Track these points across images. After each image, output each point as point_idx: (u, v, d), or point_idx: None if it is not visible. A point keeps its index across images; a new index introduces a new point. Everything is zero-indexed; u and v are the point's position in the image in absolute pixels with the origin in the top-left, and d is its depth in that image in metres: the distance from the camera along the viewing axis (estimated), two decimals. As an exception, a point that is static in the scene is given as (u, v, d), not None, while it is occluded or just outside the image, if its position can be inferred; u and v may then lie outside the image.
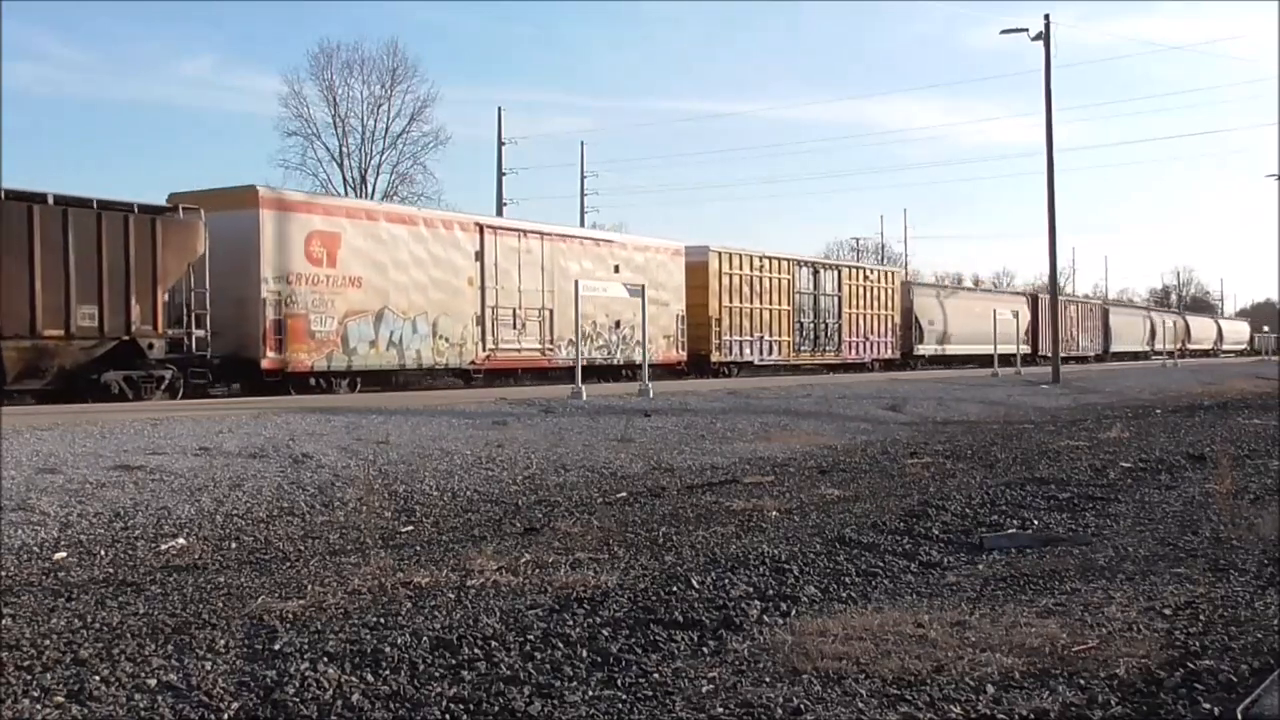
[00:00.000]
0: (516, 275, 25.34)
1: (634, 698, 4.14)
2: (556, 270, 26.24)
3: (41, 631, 5.04)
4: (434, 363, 23.54)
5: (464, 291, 24.10)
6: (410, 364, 23.03)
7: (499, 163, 52.08)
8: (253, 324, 19.93)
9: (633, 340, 27.99)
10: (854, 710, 3.96)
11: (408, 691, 4.20)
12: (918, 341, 42.52)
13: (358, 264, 21.79)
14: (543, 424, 14.43)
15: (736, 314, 32.30)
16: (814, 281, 36.55)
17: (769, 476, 11.22)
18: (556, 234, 27.02)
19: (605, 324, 27.73)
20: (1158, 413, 21.65)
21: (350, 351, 21.54)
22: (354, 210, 22.85)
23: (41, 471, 8.97)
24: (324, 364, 21.00)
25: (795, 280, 35.12)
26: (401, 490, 9.70)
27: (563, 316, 25.66)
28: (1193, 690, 4.12)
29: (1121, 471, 11.36)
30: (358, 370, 21.95)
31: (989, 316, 46.52)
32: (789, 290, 34.65)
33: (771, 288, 33.86)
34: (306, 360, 20.66)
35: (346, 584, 6.01)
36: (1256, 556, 6.63)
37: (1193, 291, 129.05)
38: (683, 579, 6.11)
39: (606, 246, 28.66)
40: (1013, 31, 33.03)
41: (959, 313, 45.78)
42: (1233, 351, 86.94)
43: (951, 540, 7.62)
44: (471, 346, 24.22)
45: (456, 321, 23.85)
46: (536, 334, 25.86)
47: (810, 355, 36.23)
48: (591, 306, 26.18)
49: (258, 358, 19.91)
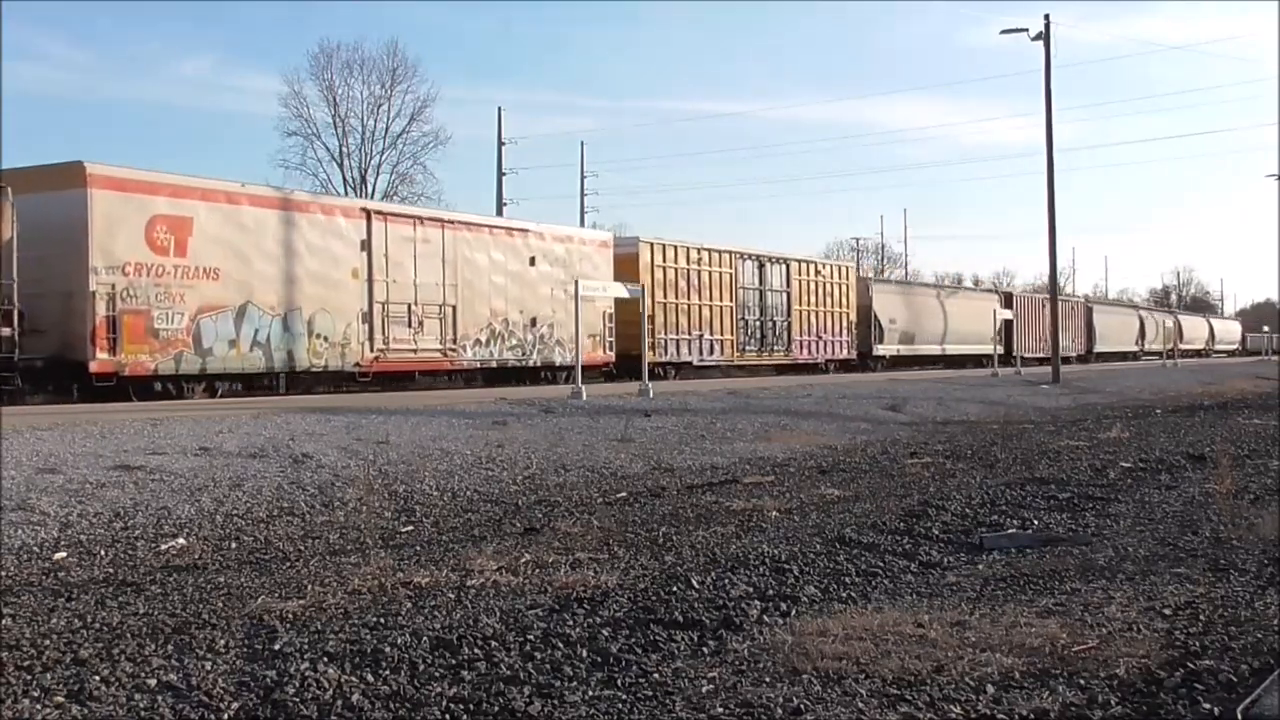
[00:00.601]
0: (412, 267, 22.98)
1: (634, 698, 4.14)
2: (461, 262, 24.06)
3: (41, 631, 5.04)
4: (310, 364, 21.10)
5: (347, 285, 21.76)
6: (280, 366, 20.60)
7: (499, 163, 52.11)
8: (80, 321, 17.55)
9: (552, 340, 26.26)
10: (854, 710, 3.96)
11: (408, 691, 4.20)
12: (877, 341, 40.07)
13: (215, 253, 19.32)
14: (543, 424, 14.43)
15: (672, 311, 30.12)
16: (759, 276, 34.12)
17: (769, 476, 11.22)
18: (461, 222, 24.86)
19: (520, 321, 25.55)
20: (1158, 413, 21.65)
21: (205, 352, 19.12)
22: (211, 192, 19.71)
23: (41, 471, 8.97)
24: (171, 366, 18.69)
25: (738, 274, 32.88)
26: (401, 490, 9.70)
27: (469, 313, 24.10)
28: (1193, 690, 4.12)
29: (1121, 471, 11.36)
30: (215, 374, 19.60)
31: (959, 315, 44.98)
32: (732, 285, 32.49)
33: (712, 282, 31.67)
34: (148, 362, 18.35)
35: (346, 584, 6.01)
36: (1256, 556, 6.63)
37: (1193, 291, 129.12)
38: (683, 579, 6.11)
39: (521, 236, 26.22)
40: (1013, 31, 33.07)
41: (925, 311, 43.61)
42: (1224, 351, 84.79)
43: (951, 540, 7.62)
44: (357, 347, 21.84)
45: (338, 318, 21.47)
46: (436, 333, 23.54)
47: (757, 355, 33.90)
48: (503, 301, 24.98)
49: (85, 359, 17.55)
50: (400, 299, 22.81)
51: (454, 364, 24.10)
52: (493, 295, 24.86)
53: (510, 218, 27.98)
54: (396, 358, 22.85)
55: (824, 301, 37.06)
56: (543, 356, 26.25)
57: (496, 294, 24.98)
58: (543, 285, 26.17)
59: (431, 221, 24.09)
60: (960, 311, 45.61)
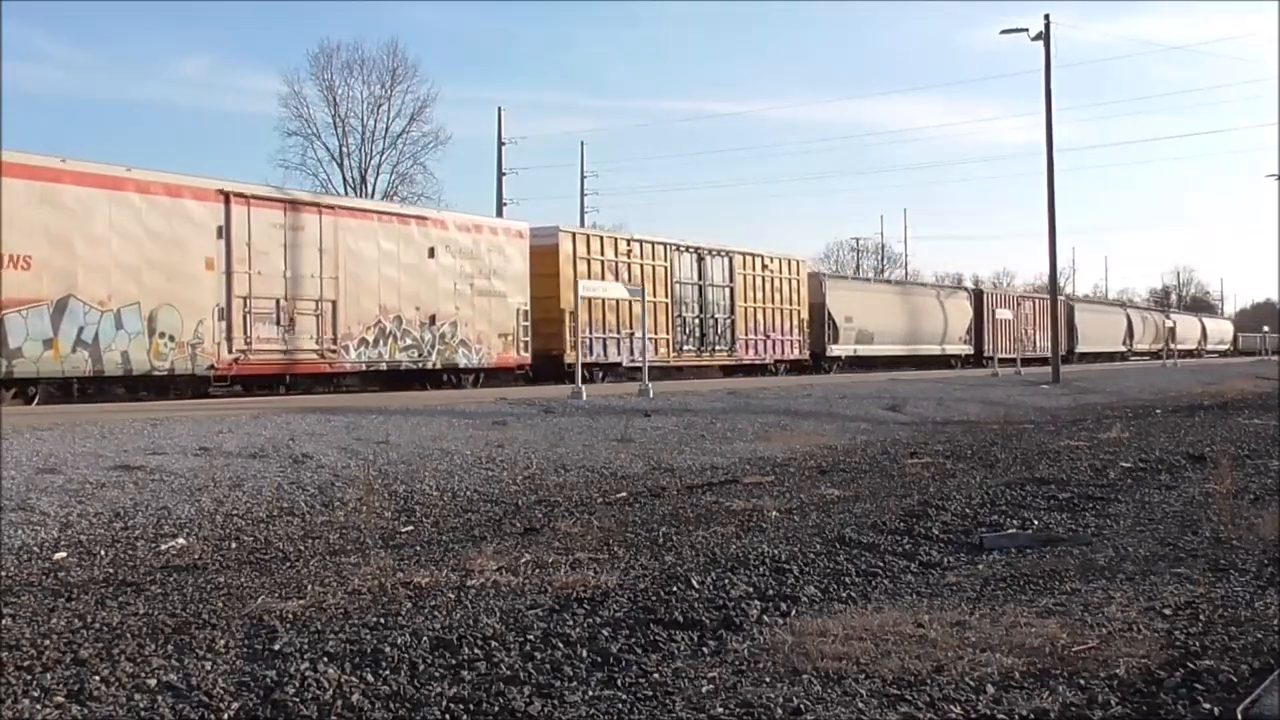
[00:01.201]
0: (282, 258, 20.45)
1: (634, 698, 4.14)
2: (344, 252, 21.61)
3: (41, 631, 5.04)
4: (151, 368, 18.36)
5: (199, 277, 19.10)
6: (113, 369, 17.86)
7: (499, 163, 52.05)
8: None
9: (455, 339, 23.90)
10: (854, 710, 3.96)
11: (408, 691, 4.20)
12: (832, 341, 37.52)
13: (25, 237, 16.62)
14: (543, 424, 14.43)
15: (598, 307, 27.54)
16: (698, 269, 31.64)
17: (769, 476, 11.22)
18: (343, 208, 22.62)
19: (416, 319, 23.10)
20: (1157, 412, 21.65)
21: (12, 354, 16.38)
22: (20, 167, 16.87)
23: (41, 471, 8.97)
24: None
25: (674, 268, 30.58)
26: (401, 490, 9.70)
27: (354, 309, 21.70)
28: (1193, 690, 4.12)
29: (1121, 471, 11.36)
30: (24, 378, 16.80)
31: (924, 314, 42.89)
32: (667, 280, 30.21)
33: (644, 276, 29.11)
34: None
35: (346, 584, 6.01)
36: (1256, 556, 6.63)
37: (1193, 291, 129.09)
38: (683, 579, 6.11)
39: (419, 225, 23.65)
40: (1012, 32, 33.07)
41: (886, 310, 41.01)
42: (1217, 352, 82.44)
43: (951, 540, 7.62)
44: (211, 347, 19.20)
45: (187, 315, 18.82)
46: (312, 331, 21.07)
47: (696, 356, 31.46)
48: (395, 297, 22.64)
49: None
50: (267, 293, 20.23)
51: (334, 366, 21.59)
52: (383, 290, 22.50)
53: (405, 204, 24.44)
54: (262, 360, 20.26)
55: (772, 297, 34.50)
56: (444, 358, 23.75)
57: (388, 288, 22.61)
58: (444, 279, 23.72)
59: (307, 206, 21.51)
60: (926, 310, 43.87)
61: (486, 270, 24.69)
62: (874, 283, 44.63)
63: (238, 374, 19.98)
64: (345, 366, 21.82)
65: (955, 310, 45.61)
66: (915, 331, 42.21)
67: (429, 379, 23.62)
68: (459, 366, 24.12)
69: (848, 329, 38.38)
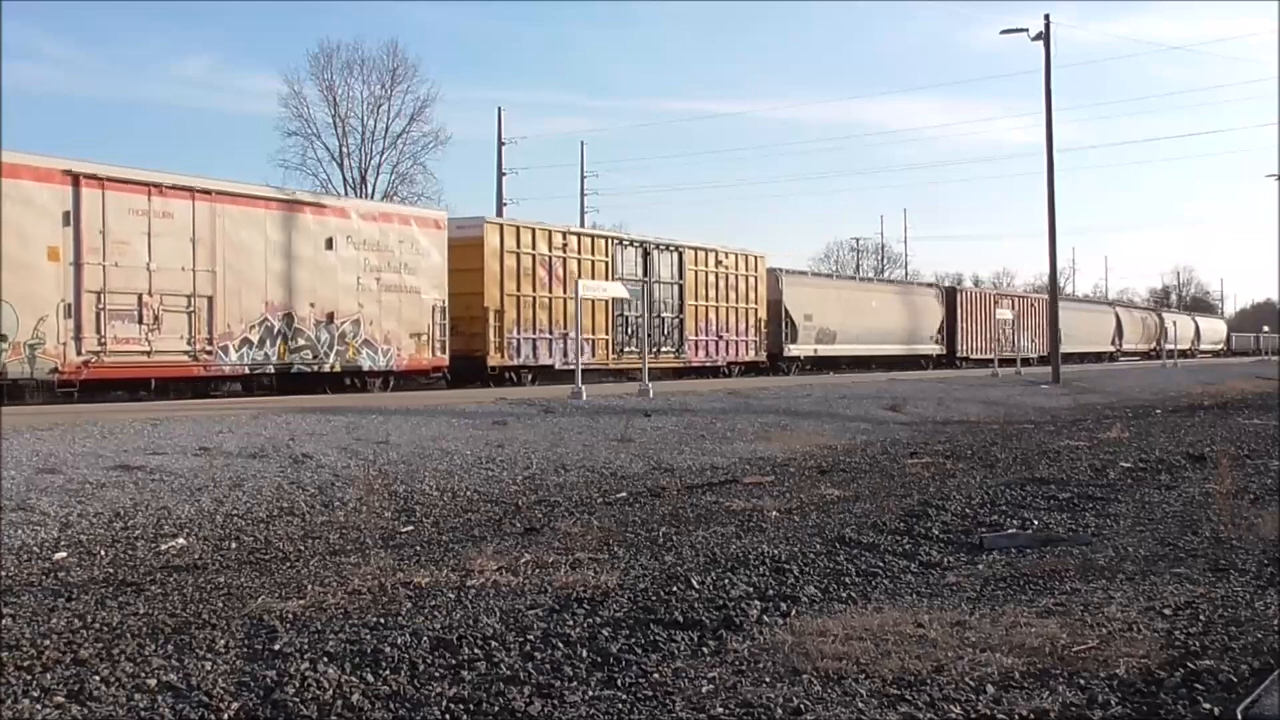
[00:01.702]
0: (145, 248, 18.10)
1: (634, 698, 4.14)
2: (222, 243, 19.28)
3: (41, 631, 5.04)
4: None
5: (40, 269, 16.87)
6: None
7: (499, 163, 52.07)
8: None
9: (358, 339, 21.79)
10: (854, 710, 3.96)
11: (408, 691, 4.20)
12: (790, 341, 35.35)
13: None
14: (542, 424, 14.43)
15: (528, 306, 25.52)
16: (643, 265, 29.43)
17: (769, 476, 11.22)
18: (222, 193, 19.65)
19: (310, 317, 20.88)
20: (1157, 413, 21.65)
21: None
22: None
23: (41, 471, 8.97)
24: None
25: (616, 263, 28.42)
26: (401, 490, 9.70)
27: (234, 306, 19.43)
28: (1193, 690, 4.12)
29: (1121, 471, 11.37)
30: None
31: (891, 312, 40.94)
32: (608, 276, 27.95)
33: (581, 272, 26.90)
34: None
35: (346, 584, 6.01)
36: (1256, 556, 6.64)
37: (1193, 291, 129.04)
38: (683, 579, 6.11)
39: (315, 213, 21.30)
40: (1012, 32, 33.05)
41: (849, 308, 38.77)
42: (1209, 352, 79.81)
43: (951, 540, 7.62)
44: (55, 348, 16.98)
45: (24, 312, 16.63)
46: (183, 331, 18.79)
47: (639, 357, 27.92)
48: (285, 292, 20.48)
49: None
50: (126, 288, 17.92)
51: (209, 370, 19.30)
52: (271, 284, 20.22)
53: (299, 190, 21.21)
54: (118, 362, 17.90)
55: (727, 295, 32.26)
56: (345, 360, 21.60)
57: (277, 283, 20.34)
58: (346, 273, 21.56)
59: (175, 190, 18.79)
60: (893, 309, 41.79)
61: (396, 264, 22.48)
62: (836, 279, 41.86)
63: (88, 378, 17.52)
64: (223, 370, 19.54)
65: (925, 308, 43.85)
66: (882, 330, 40.32)
67: (329, 383, 21.35)
68: (363, 369, 22.02)
69: (807, 328, 36.33)
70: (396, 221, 23.16)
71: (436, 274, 23.36)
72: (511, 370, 25.24)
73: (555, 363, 26.20)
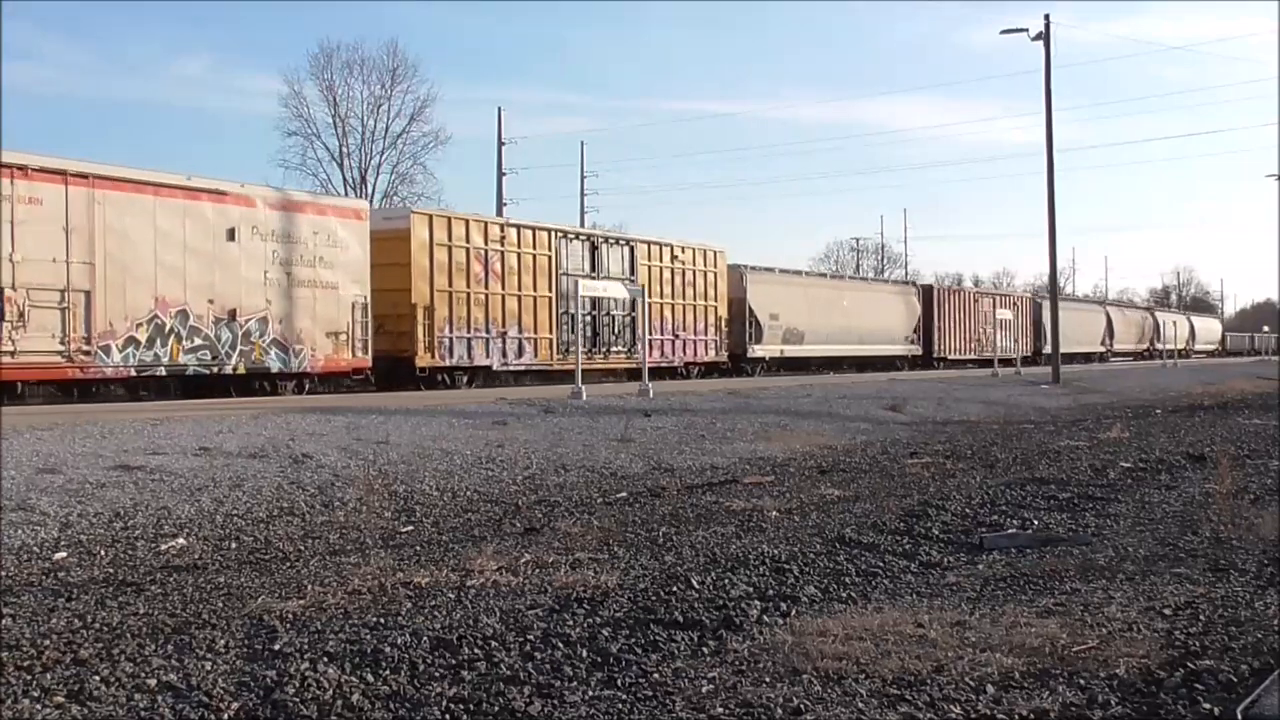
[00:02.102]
0: (8, 237, 16.46)
1: (634, 698, 4.14)
2: (103, 232, 17.56)
3: (41, 631, 5.04)
4: None
5: None
6: None
7: (499, 163, 52.08)
8: None
9: (266, 339, 20.06)
10: (854, 710, 3.96)
11: (408, 691, 4.20)
12: (754, 341, 33.68)
13: None
14: (542, 424, 14.44)
15: (461, 302, 24.00)
16: (591, 260, 27.85)
17: (769, 476, 11.22)
18: (103, 177, 17.84)
19: (209, 314, 19.20)
20: (1158, 413, 21.65)
21: None
22: None
23: (41, 471, 8.97)
24: None
25: (561, 258, 26.80)
26: (401, 490, 9.70)
27: (117, 302, 17.72)
28: (1193, 690, 4.12)
29: (1121, 471, 11.37)
30: None
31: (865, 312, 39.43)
32: (551, 271, 26.36)
33: (522, 267, 25.56)
34: None
35: (346, 584, 6.01)
36: (1256, 556, 6.64)
37: (1193, 291, 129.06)
38: (683, 579, 6.11)
39: (215, 201, 19.47)
40: (1012, 31, 33.08)
41: (819, 306, 37.14)
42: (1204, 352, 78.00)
43: (951, 540, 7.62)
44: None
45: None
46: (55, 329, 17.04)
47: (587, 358, 26.43)
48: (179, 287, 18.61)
49: None
50: None
51: (87, 372, 17.59)
52: (162, 278, 18.48)
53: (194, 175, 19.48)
54: None
55: (684, 292, 30.82)
56: (250, 361, 19.85)
57: (169, 277, 18.57)
58: (250, 266, 19.82)
59: (45, 174, 17.03)
60: (866, 307, 39.94)
61: (310, 257, 20.71)
62: (806, 276, 39.57)
63: None
64: (104, 372, 17.81)
65: (901, 307, 42.27)
66: (854, 330, 38.56)
67: (235, 386, 19.76)
68: (271, 371, 20.34)
69: (773, 327, 34.62)
70: (310, 211, 21.21)
71: (357, 268, 21.67)
72: (444, 372, 23.79)
73: (493, 363, 24.84)
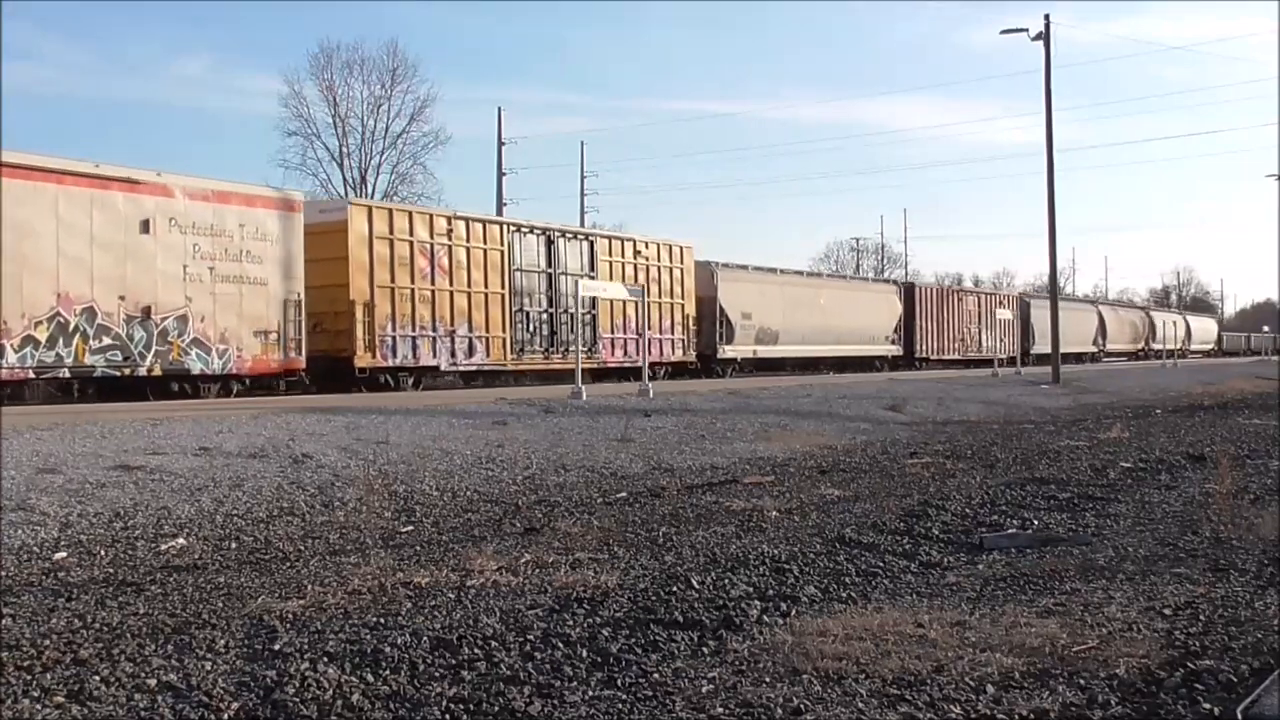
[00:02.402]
0: None
1: (634, 698, 4.14)
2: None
3: (41, 631, 5.04)
4: None
5: None
6: None
7: (499, 163, 52.11)
8: None
9: (186, 338, 18.85)
10: (854, 710, 3.96)
11: (408, 691, 4.20)
12: (725, 341, 32.57)
13: None
14: (542, 424, 14.43)
15: (405, 299, 22.80)
16: (547, 255, 26.64)
17: (769, 476, 11.22)
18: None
19: (119, 311, 17.93)
20: (1158, 413, 21.65)
21: None
22: None
23: (41, 471, 8.97)
24: None
25: (514, 252, 25.67)
26: (401, 490, 9.70)
27: (15, 297, 16.76)
28: (1193, 690, 4.12)
29: (1121, 471, 11.36)
30: None
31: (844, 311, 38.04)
32: (503, 267, 25.25)
33: (472, 263, 24.40)
34: None
35: (346, 584, 6.01)
36: (1256, 556, 6.63)
37: (1193, 291, 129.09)
38: (683, 579, 6.11)
39: (126, 191, 18.20)
40: (1012, 32, 33.10)
41: (794, 305, 35.68)
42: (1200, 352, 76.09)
43: (951, 540, 7.62)
44: None
45: None
46: None
47: (544, 358, 26.34)
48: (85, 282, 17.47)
49: None
50: None
51: None
52: (65, 272, 17.29)
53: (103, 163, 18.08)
54: None
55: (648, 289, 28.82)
56: (168, 361, 18.62)
57: (73, 271, 17.37)
58: (168, 260, 18.65)
59: None
60: (844, 306, 38.62)
61: (236, 251, 19.51)
62: (780, 274, 37.57)
63: None
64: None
65: (881, 306, 41.16)
66: (831, 330, 37.36)
67: (151, 388, 18.50)
68: (191, 373, 19.07)
69: (745, 327, 33.41)
70: (236, 203, 19.80)
71: (289, 263, 20.36)
72: (387, 372, 22.53)
73: (442, 363, 23.59)
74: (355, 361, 21.72)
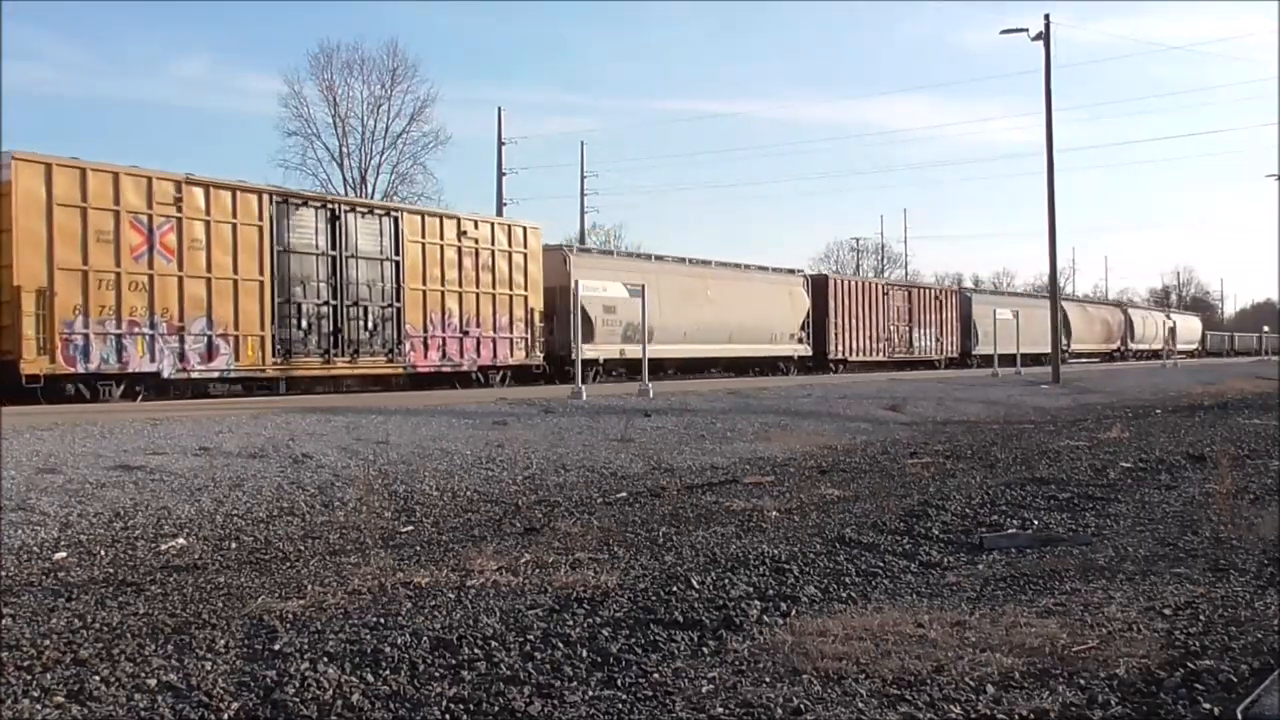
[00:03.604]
0: None
1: (634, 698, 4.14)
2: None
3: (41, 631, 5.04)
4: None
5: None
6: None
7: (499, 163, 52.03)
8: None
9: None
10: (854, 710, 3.96)
11: (408, 691, 4.20)
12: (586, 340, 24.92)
13: None
14: (543, 424, 14.43)
15: (107, 286, 17.80)
16: (330, 234, 21.67)
17: (769, 476, 11.22)
18: None
19: None
20: (1157, 413, 21.65)
21: None
22: None
23: (41, 471, 8.97)
24: None
25: (281, 230, 20.66)
26: (401, 490, 9.70)
27: None
28: (1193, 690, 4.12)
29: (1121, 471, 11.36)
30: None
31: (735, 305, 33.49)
32: (261, 246, 20.22)
33: (215, 241, 19.40)
34: None
35: (346, 584, 6.01)
36: (1256, 556, 6.63)
37: (1193, 291, 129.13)
38: (683, 579, 6.11)
39: None
40: (1012, 31, 33.11)
41: (674, 299, 30.52)
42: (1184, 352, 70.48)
43: (951, 540, 7.62)
44: None
45: None
46: None
47: (324, 363, 21.53)
48: None
49: None
50: None
51: None
52: None
53: None
54: None
55: (477, 278, 24.63)
56: None
57: None
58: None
59: None
60: (737, 299, 33.80)
61: None
62: (655, 262, 32.29)
63: None
64: None
65: (783, 299, 36.37)
66: (722, 327, 33.00)
67: None
68: None
69: (609, 323, 28.31)
70: None
71: None
72: (76, 381, 17.61)
73: (164, 369, 18.66)
74: (21, 368, 16.65)
